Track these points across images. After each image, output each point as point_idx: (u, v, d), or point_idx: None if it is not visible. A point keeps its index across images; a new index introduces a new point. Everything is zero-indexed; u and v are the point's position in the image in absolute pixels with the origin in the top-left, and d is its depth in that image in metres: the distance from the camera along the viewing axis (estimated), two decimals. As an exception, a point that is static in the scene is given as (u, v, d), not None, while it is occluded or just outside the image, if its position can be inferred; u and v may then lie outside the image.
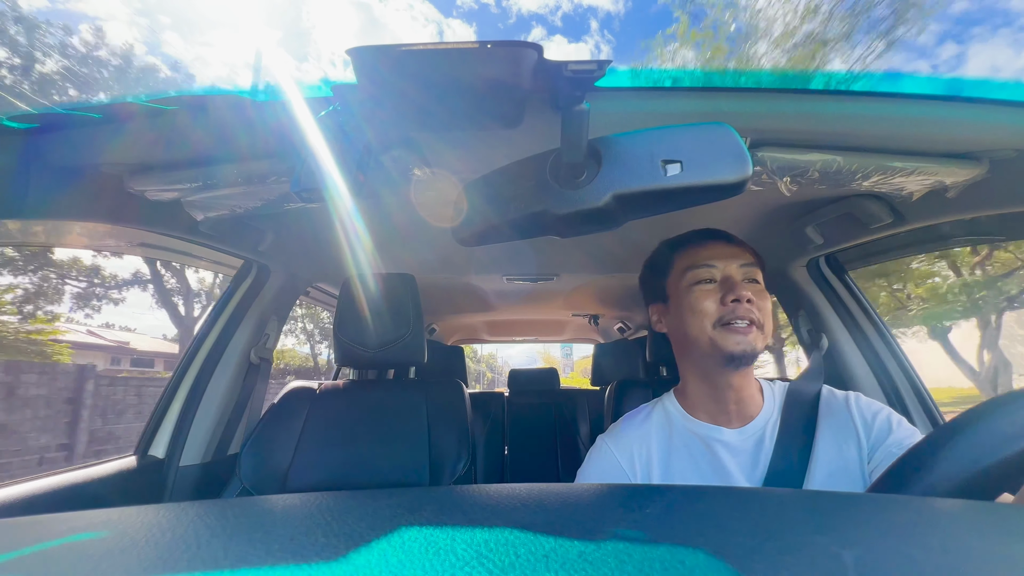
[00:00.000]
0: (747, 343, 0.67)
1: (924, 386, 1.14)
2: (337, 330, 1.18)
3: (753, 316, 0.67)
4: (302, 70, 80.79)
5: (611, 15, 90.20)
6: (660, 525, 0.24)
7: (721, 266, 0.72)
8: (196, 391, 1.22)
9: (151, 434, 1.18)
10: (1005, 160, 0.71)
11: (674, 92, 0.63)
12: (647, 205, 0.51)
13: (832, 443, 0.68)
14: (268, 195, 0.81)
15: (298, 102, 0.64)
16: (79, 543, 0.23)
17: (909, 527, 0.23)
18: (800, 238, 1.16)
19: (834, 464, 0.66)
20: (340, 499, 0.31)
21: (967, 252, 8.84)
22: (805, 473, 0.65)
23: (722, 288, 0.70)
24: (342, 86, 0.57)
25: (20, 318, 9.11)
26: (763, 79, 0.65)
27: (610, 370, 2.10)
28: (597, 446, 0.79)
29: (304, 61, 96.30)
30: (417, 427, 1.12)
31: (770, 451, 0.68)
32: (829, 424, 0.70)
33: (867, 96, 0.63)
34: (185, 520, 0.27)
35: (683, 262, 0.75)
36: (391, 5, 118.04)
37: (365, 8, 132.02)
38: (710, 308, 0.69)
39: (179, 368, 1.25)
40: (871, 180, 0.74)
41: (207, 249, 1.13)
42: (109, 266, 11.85)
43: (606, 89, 0.61)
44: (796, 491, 0.28)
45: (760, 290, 0.72)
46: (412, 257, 1.53)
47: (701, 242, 0.76)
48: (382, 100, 0.55)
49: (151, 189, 0.79)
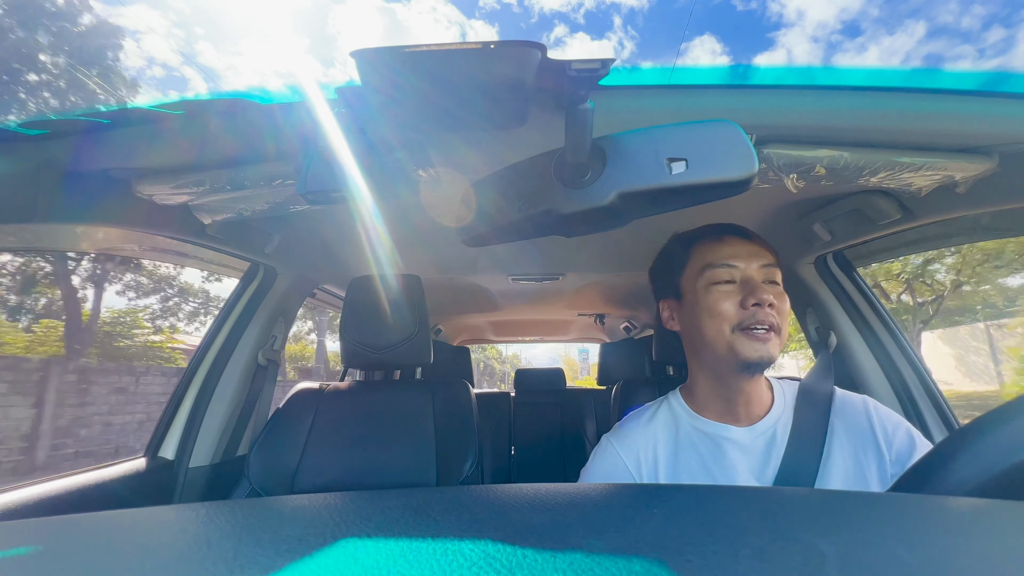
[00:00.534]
0: (765, 351, 0.65)
1: (936, 386, 1.12)
2: (343, 331, 1.19)
3: (773, 321, 0.65)
4: (328, 75, 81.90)
5: (635, 11, 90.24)
6: (669, 525, 0.24)
7: (742, 266, 0.69)
8: (205, 393, 1.23)
9: (161, 436, 1.19)
10: (1015, 154, 0.70)
11: (678, 90, 0.63)
12: (652, 203, 0.50)
13: (848, 447, 0.66)
14: (275, 198, 0.82)
15: (303, 105, 0.64)
16: (78, 547, 0.24)
17: (914, 526, 0.23)
18: (807, 235, 1.15)
19: (851, 470, 0.65)
20: (348, 500, 0.31)
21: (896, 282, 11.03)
22: (817, 474, 0.64)
23: (742, 290, 0.68)
24: (347, 88, 0.57)
25: (146, 331, 11.36)
26: (769, 75, 0.65)
27: (616, 369, 2.10)
28: (602, 446, 0.78)
29: (331, 67, 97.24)
30: (424, 428, 1.13)
31: (782, 450, 0.67)
32: (845, 427, 0.68)
33: (874, 91, 0.62)
34: (195, 521, 0.27)
35: (700, 259, 0.73)
36: (414, 8, 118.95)
37: (389, 13, 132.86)
38: (729, 311, 0.67)
39: (188, 370, 1.26)
40: (879, 176, 0.74)
41: (214, 252, 1.14)
42: (213, 289, 13.76)
43: (610, 88, 0.61)
44: (814, 490, 0.28)
45: (780, 292, 0.69)
46: (418, 258, 1.54)
47: (719, 237, 0.73)
48: (387, 102, 0.55)
49: (159, 193, 0.80)
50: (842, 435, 0.68)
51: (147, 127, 0.68)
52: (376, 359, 1.17)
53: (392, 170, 0.76)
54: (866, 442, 0.67)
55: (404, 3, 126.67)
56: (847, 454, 0.66)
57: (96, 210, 0.80)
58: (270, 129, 0.69)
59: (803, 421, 0.69)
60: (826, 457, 0.65)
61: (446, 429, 1.13)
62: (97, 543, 0.24)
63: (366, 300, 1.20)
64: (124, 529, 0.26)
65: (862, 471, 0.65)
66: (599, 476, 0.74)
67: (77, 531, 0.25)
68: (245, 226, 1.12)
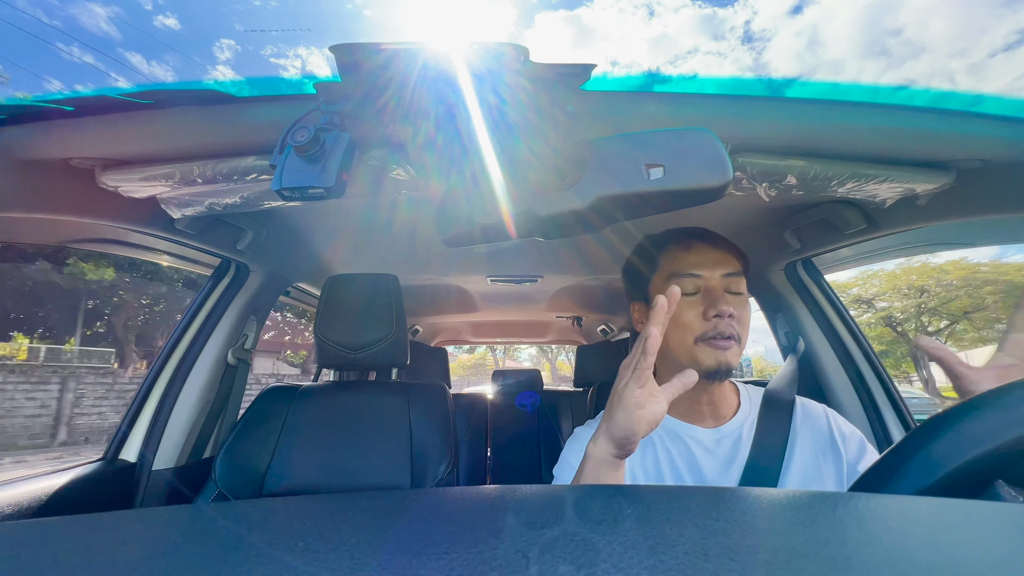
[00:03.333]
0: (725, 359, 0.67)
1: (896, 389, 1.17)
2: (318, 331, 1.17)
3: (733, 332, 0.68)
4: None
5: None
6: (643, 526, 0.24)
7: (706, 275, 0.71)
8: (170, 393, 1.18)
9: (122, 437, 1.14)
10: (971, 170, 0.74)
11: (658, 97, 0.64)
12: (630, 208, 0.51)
13: (810, 451, 0.70)
14: (248, 193, 0.80)
15: (280, 99, 0.63)
16: (29, 555, 0.22)
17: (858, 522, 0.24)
18: (779, 242, 1.19)
19: (810, 470, 0.68)
20: (318, 503, 0.30)
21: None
22: (779, 474, 0.67)
23: (704, 300, 0.70)
24: (326, 83, 0.56)
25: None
26: (745, 86, 0.66)
27: (593, 371, 2.12)
28: (575, 436, 0.80)
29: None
30: (399, 429, 1.11)
31: (747, 452, 0.69)
32: (807, 432, 0.72)
33: (844, 105, 0.64)
34: (157, 526, 0.26)
35: (667, 267, 0.75)
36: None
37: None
38: (693, 322, 0.69)
39: (153, 368, 1.21)
40: (846, 187, 0.77)
41: (183, 247, 1.10)
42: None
43: (591, 92, 0.62)
44: (783, 491, 0.29)
45: (742, 302, 0.72)
46: (395, 257, 1.52)
47: (686, 245, 0.76)
48: (366, 98, 0.55)
49: (125, 185, 0.76)
50: (804, 438, 0.71)
51: (114, 115, 0.66)
52: (352, 359, 1.15)
53: (371, 168, 0.75)
54: (825, 445, 0.70)
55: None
56: (807, 456, 0.69)
57: (55, 200, 0.77)
58: (245, 122, 0.67)
59: (767, 425, 0.72)
60: (788, 459, 0.68)
61: (421, 431, 1.12)
62: (50, 551, 0.23)
63: (342, 299, 1.18)
64: (80, 536, 0.25)
65: (820, 472, 0.68)
66: (572, 465, 0.74)
67: (28, 538, 0.24)
68: (216, 221, 1.09)
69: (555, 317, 2.72)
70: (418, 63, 0.47)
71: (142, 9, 45.52)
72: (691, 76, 0.62)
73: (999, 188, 0.75)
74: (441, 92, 0.52)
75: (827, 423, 0.73)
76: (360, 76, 0.49)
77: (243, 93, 0.62)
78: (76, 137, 0.68)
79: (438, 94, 0.52)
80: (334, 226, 1.32)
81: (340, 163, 0.53)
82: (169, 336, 1.25)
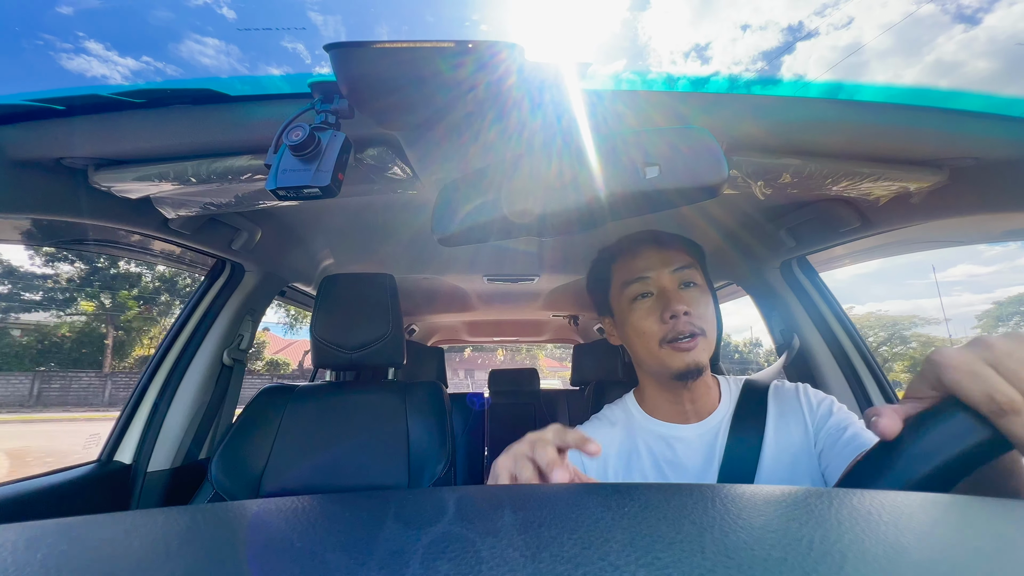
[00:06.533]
0: (692, 359, 0.67)
1: (892, 387, 1.18)
2: (314, 331, 1.16)
3: (694, 328, 0.67)
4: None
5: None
6: (639, 523, 0.24)
7: (655, 276, 0.71)
8: (165, 393, 1.18)
9: (117, 439, 1.13)
10: (964, 168, 0.74)
11: (654, 95, 0.64)
12: (627, 207, 0.51)
13: (781, 426, 0.69)
14: (242, 192, 0.79)
15: (275, 97, 0.62)
16: (22, 558, 0.22)
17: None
18: (774, 240, 1.20)
19: (782, 444, 0.68)
20: (315, 503, 0.30)
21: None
22: (757, 461, 0.67)
23: (659, 303, 0.70)
24: (321, 83, 0.56)
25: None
26: (740, 85, 0.67)
27: (590, 370, 2.12)
28: None
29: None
30: (396, 429, 1.11)
31: (724, 444, 0.69)
32: (779, 410, 0.71)
33: (839, 103, 0.65)
34: (153, 528, 0.26)
35: (619, 276, 0.75)
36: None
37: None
38: (652, 327, 0.69)
39: (147, 369, 1.20)
40: (841, 185, 0.77)
41: (177, 247, 1.10)
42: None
43: (587, 91, 0.62)
44: (774, 488, 0.29)
45: (698, 294, 0.71)
46: (391, 256, 1.52)
47: (633, 251, 0.75)
48: (362, 97, 0.54)
49: (118, 185, 0.76)
50: (777, 418, 0.70)
51: (106, 114, 0.65)
52: (348, 359, 1.15)
53: (366, 167, 0.75)
54: (795, 418, 0.70)
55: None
56: (780, 432, 0.69)
57: (46, 201, 0.76)
58: (240, 121, 0.66)
59: (742, 414, 0.72)
60: (764, 443, 0.68)
61: (419, 430, 1.11)
62: (45, 553, 0.22)
63: (338, 299, 1.18)
64: (75, 538, 0.24)
65: (790, 443, 0.67)
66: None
67: (21, 540, 0.24)
68: (211, 221, 1.08)
69: (552, 316, 2.72)
70: (413, 62, 0.47)
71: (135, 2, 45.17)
72: (687, 75, 0.63)
73: (991, 186, 0.76)
74: (436, 91, 0.52)
75: (796, 397, 0.72)
76: (355, 75, 0.49)
77: (237, 92, 0.62)
78: (68, 137, 0.68)
79: (433, 93, 0.52)
80: (330, 225, 1.32)
81: (335, 162, 0.53)
82: (164, 336, 1.25)
